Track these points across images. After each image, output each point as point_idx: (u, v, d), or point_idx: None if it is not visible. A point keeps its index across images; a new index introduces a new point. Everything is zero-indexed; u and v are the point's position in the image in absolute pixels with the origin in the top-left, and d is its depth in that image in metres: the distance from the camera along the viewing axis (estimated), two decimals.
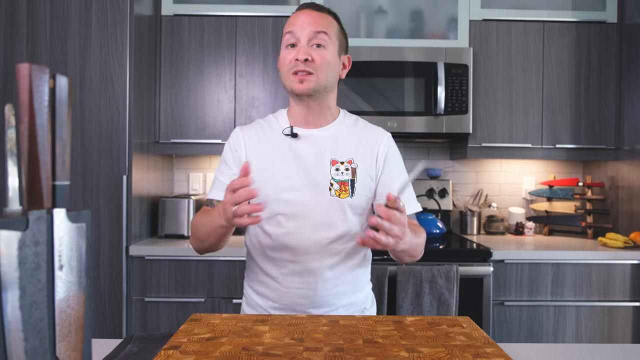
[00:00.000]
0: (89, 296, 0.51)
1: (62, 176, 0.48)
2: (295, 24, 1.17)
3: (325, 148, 1.20)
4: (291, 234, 1.16)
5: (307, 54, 1.13)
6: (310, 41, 1.15)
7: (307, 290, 1.16)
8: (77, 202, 2.08)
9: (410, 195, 1.27)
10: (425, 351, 0.79)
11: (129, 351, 0.87)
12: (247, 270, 1.27)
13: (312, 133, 1.21)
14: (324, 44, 1.15)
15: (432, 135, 2.38)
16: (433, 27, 2.44)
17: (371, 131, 1.27)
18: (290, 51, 1.16)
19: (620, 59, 2.44)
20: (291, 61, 1.15)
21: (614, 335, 2.13)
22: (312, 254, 1.16)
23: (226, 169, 1.22)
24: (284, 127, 1.22)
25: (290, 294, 1.17)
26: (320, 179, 1.17)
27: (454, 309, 1.97)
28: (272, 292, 1.19)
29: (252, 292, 1.24)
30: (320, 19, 1.17)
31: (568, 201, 2.66)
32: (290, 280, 1.17)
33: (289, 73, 1.16)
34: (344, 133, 1.23)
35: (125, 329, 2.08)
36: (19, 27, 2.07)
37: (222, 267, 2.11)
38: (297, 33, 1.15)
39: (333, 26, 1.19)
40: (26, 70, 0.45)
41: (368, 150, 1.23)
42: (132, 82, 2.10)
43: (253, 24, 2.39)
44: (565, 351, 0.92)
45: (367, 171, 1.21)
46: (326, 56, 1.15)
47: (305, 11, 1.18)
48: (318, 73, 1.14)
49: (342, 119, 1.26)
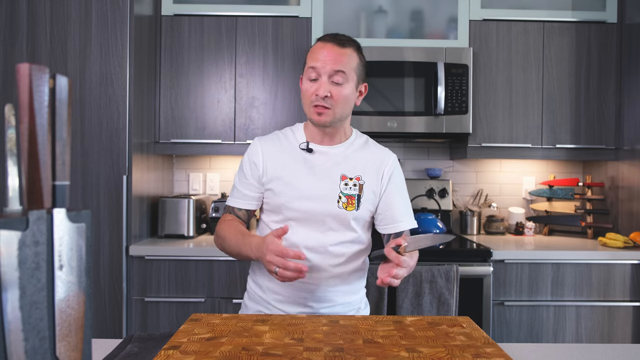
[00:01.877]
0: (89, 296, 0.51)
1: (62, 176, 0.48)
2: (318, 60, 1.25)
3: (336, 164, 1.32)
4: (300, 236, 1.27)
5: (327, 91, 1.24)
6: (330, 77, 1.25)
7: (311, 285, 1.27)
8: (77, 202, 2.08)
9: (402, 213, 1.37)
10: (425, 351, 0.79)
11: (129, 351, 0.87)
12: (253, 267, 1.38)
13: (326, 150, 1.33)
14: (342, 82, 1.25)
15: (432, 135, 2.38)
16: (433, 27, 2.44)
17: (379, 151, 1.38)
18: (312, 85, 1.26)
19: (620, 59, 2.44)
20: (312, 94, 1.26)
21: (614, 335, 2.13)
22: (317, 253, 1.27)
23: (244, 178, 1.34)
24: (301, 141, 1.34)
25: (295, 287, 1.26)
26: (330, 191, 1.28)
27: (454, 309, 1.97)
28: (277, 285, 1.28)
29: (256, 287, 1.34)
30: (342, 56, 1.25)
31: (568, 201, 2.66)
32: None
33: (310, 105, 1.27)
34: (354, 152, 1.35)
35: (125, 329, 2.08)
36: (19, 27, 2.07)
37: (222, 267, 2.11)
38: (319, 69, 1.25)
39: (353, 61, 1.27)
40: (26, 70, 0.45)
41: (375, 168, 1.34)
42: (132, 82, 2.10)
43: (253, 24, 2.39)
44: (565, 351, 0.92)
45: (372, 188, 1.32)
46: (343, 92, 1.26)
47: (329, 46, 1.26)
48: (335, 108, 1.26)
49: (354, 139, 1.38)
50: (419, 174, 2.79)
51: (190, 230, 2.31)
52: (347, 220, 1.28)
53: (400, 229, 1.35)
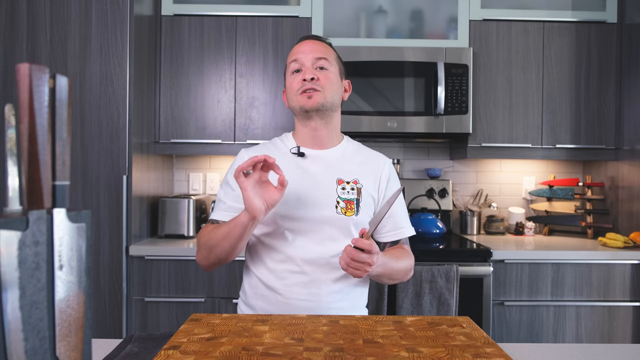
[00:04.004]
0: (89, 296, 0.51)
1: (62, 176, 0.48)
2: (299, 52, 1.26)
3: (331, 167, 1.25)
4: (297, 248, 1.18)
5: (313, 74, 1.22)
6: (313, 65, 1.24)
7: (310, 302, 1.17)
8: (77, 202, 2.08)
9: (403, 220, 1.31)
10: (425, 351, 0.79)
11: (129, 351, 0.87)
12: (244, 288, 1.28)
13: (318, 153, 1.27)
14: (326, 67, 1.25)
15: (432, 135, 2.38)
16: (433, 27, 2.44)
17: (374, 155, 1.34)
18: (296, 76, 1.25)
19: (620, 59, 2.44)
20: (298, 82, 1.23)
21: (614, 335, 2.13)
22: (316, 265, 1.18)
23: (230, 190, 1.24)
24: (291, 147, 1.28)
25: (292, 306, 1.17)
26: (326, 197, 1.21)
27: (454, 309, 1.97)
28: (272, 305, 1.19)
29: (249, 311, 1.24)
30: (321, 47, 1.28)
31: (568, 201, 2.66)
32: (293, 291, 1.18)
33: (297, 94, 1.24)
34: (349, 155, 1.30)
35: (125, 329, 2.08)
36: (19, 27, 2.07)
37: (222, 267, 2.11)
38: (301, 59, 1.25)
39: (332, 53, 1.30)
40: (26, 70, 0.45)
41: (371, 173, 1.28)
42: (132, 82, 2.10)
43: (253, 24, 2.39)
44: (565, 351, 0.92)
45: (369, 192, 1.26)
46: (330, 76, 1.25)
47: (307, 41, 1.29)
48: (324, 90, 1.23)
49: (347, 143, 1.34)
50: (419, 174, 2.78)
51: (190, 230, 2.31)
52: (347, 226, 1.20)
53: (403, 235, 1.29)
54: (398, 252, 1.25)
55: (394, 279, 1.24)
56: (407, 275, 1.27)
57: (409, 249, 1.32)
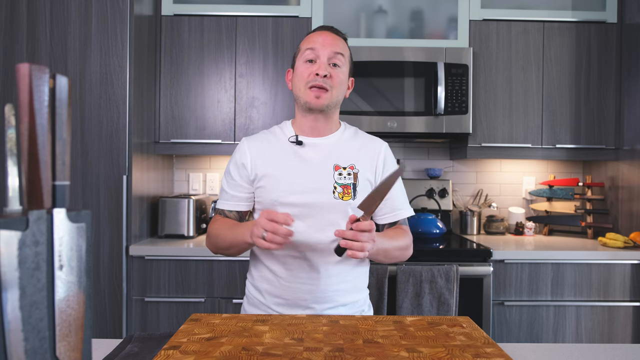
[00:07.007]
0: (89, 296, 0.51)
1: (62, 176, 0.48)
2: (317, 42, 1.26)
3: (328, 154, 1.29)
4: (298, 233, 1.21)
5: (327, 71, 1.23)
6: (329, 59, 1.25)
7: (311, 285, 1.23)
8: (77, 202, 2.08)
9: (401, 201, 1.34)
10: (425, 351, 0.79)
11: (129, 351, 0.87)
12: (251, 270, 1.35)
13: (316, 141, 1.30)
14: (340, 64, 1.26)
15: (432, 135, 2.38)
16: (433, 27, 2.44)
17: (370, 140, 1.36)
18: (310, 66, 1.26)
19: (620, 59, 2.44)
20: (310, 74, 1.24)
21: (614, 335, 2.13)
22: (317, 251, 1.23)
23: (231, 179, 1.32)
24: (289, 135, 1.31)
25: (294, 289, 1.24)
26: (324, 183, 1.25)
27: (454, 309, 1.97)
28: (276, 288, 1.26)
29: (255, 291, 1.31)
30: (339, 42, 1.29)
31: (568, 201, 2.66)
32: (295, 275, 1.24)
33: (306, 87, 1.25)
34: (345, 141, 1.32)
35: (125, 329, 2.08)
36: (19, 27, 2.07)
37: (222, 267, 2.11)
38: (318, 50, 1.25)
39: (347, 50, 1.31)
40: (26, 70, 0.45)
41: (368, 157, 1.31)
42: (132, 82, 2.10)
43: (253, 24, 2.39)
44: (565, 351, 0.92)
45: (366, 176, 1.29)
46: (341, 75, 1.27)
47: (327, 32, 1.29)
48: (333, 90, 1.25)
49: (344, 129, 1.36)
50: (419, 174, 2.78)
51: (190, 230, 2.31)
52: (345, 211, 1.24)
53: (400, 216, 1.33)
54: (393, 232, 1.29)
55: (391, 258, 1.26)
56: (405, 254, 1.30)
57: (407, 229, 1.35)
